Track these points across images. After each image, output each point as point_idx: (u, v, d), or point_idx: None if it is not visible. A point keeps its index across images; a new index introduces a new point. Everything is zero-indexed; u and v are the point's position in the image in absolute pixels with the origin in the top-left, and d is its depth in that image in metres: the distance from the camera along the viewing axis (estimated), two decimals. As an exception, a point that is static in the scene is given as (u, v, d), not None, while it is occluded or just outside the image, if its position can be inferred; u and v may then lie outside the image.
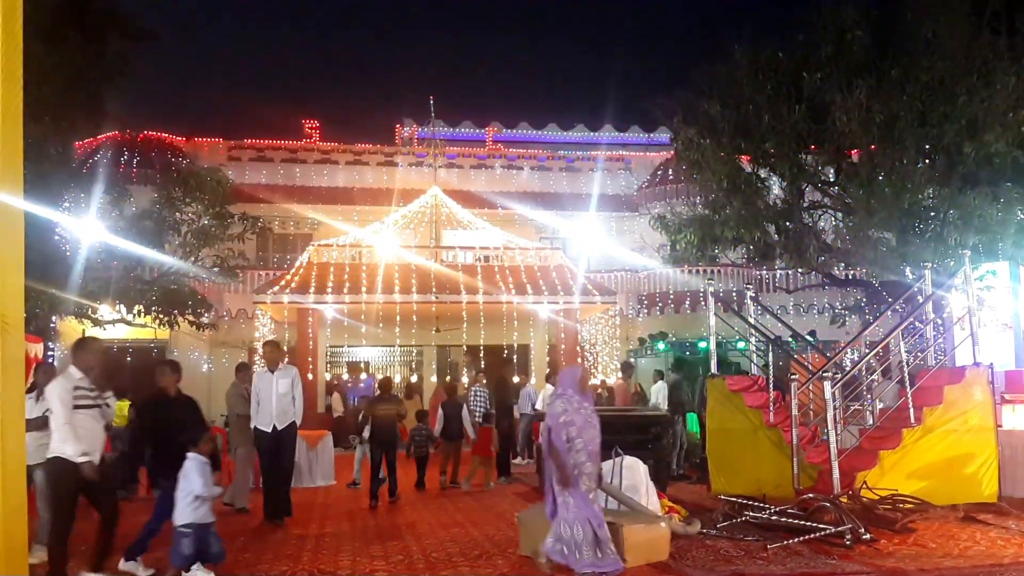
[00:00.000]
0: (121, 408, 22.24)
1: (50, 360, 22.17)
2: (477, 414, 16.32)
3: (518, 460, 16.73)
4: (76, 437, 6.26)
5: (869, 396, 10.61)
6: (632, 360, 18.88)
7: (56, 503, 6.47)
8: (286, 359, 12.83)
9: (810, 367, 11.24)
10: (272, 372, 9.83)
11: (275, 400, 9.68)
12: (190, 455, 6.45)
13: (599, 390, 21.44)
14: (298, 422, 9.91)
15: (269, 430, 9.73)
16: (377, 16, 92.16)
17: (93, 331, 21.81)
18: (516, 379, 19.03)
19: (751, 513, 8.51)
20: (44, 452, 7.80)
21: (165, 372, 7.83)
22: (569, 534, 6.23)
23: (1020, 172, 13.56)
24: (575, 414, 6.38)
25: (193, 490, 6.23)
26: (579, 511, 6.24)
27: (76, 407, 6.36)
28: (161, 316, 19.57)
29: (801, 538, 7.63)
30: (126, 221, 19.34)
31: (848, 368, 11.08)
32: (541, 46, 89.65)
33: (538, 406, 16.94)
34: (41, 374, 8.24)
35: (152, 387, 7.90)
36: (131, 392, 13.41)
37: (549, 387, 17.38)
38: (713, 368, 11.81)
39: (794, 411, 9.47)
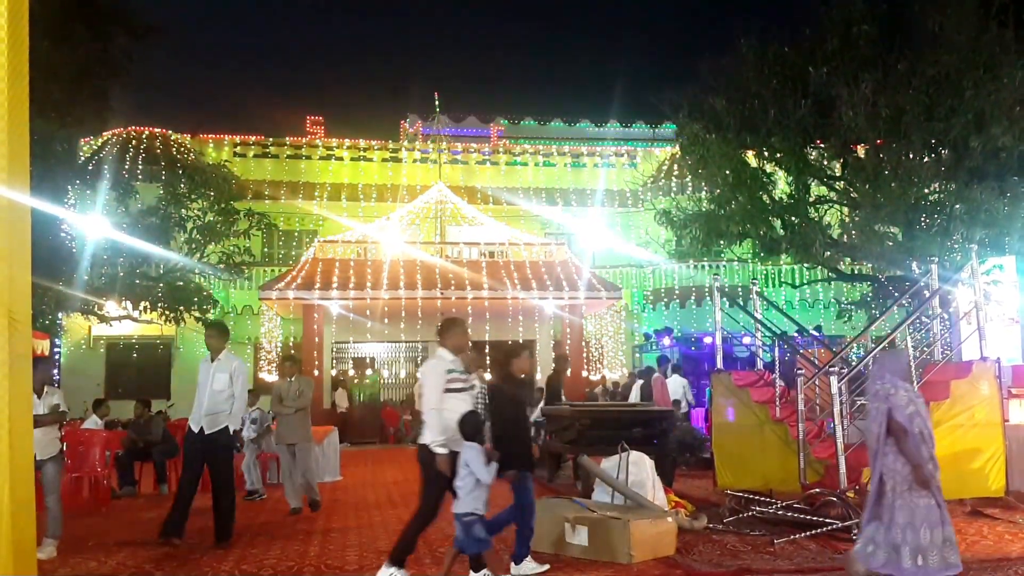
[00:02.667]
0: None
1: (56, 356, 22.27)
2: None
3: None
4: (442, 424, 6.14)
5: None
6: (668, 355, 18.87)
7: (433, 486, 6.26)
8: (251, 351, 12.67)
9: (816, 362, 11.23)
10: (212, 362, 8.23)
11: (207, 396, 8.02)
12: (469, 444, 6.18)
13: (602, 385, 21.49)
14: (234, 426, 8.22)
15: (196, 430, 7.99)
16: (382, 12, 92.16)
17: (99, 327, 21.92)
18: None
19: (757, 508, 8.51)
20: (51, 447, 7.84)
21: (523, 356, 7.26)
22: (902, 538, 5.49)
23: (1027, 166, 13.54)
24: (918, 403, 5.69)
25: (480, 478, 6.06)
26: (928, 513, 5.55)
27: (447, 391, 6.22)
28: (167, 312, 19.63)
29: (808, 533, 7.62)
30: (132, 217, 19.41)
31: (854, 363, 11.06)
32: (546, 41, 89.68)
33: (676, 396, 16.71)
34: (39, 371, 8.15)
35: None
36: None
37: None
38: (719, 363, 11.80)
39: (800, 406, 9.45)
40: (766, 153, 15.74)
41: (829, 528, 7.67)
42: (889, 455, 5.58)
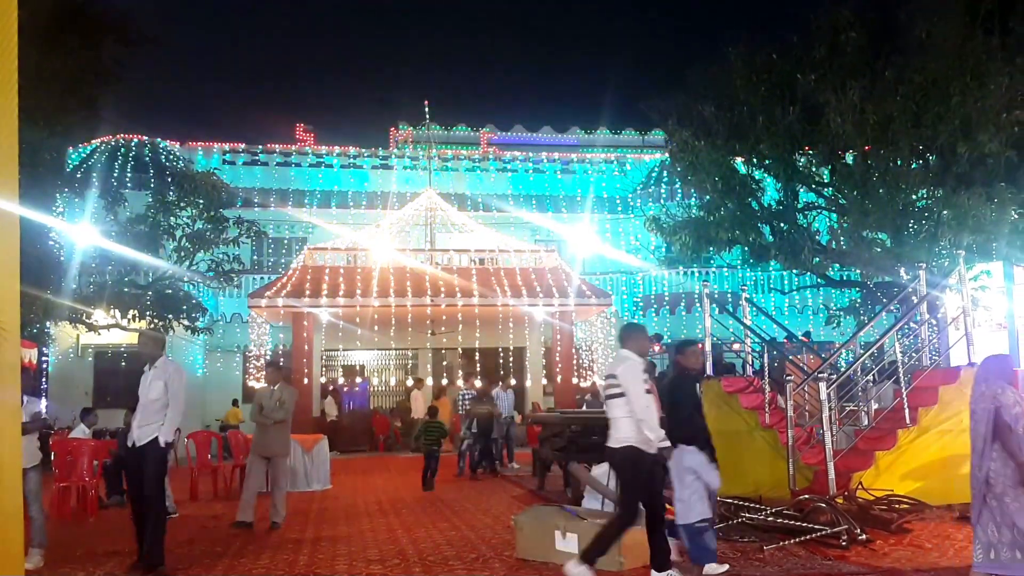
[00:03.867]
0: (236, 414, 22.11)
1: (44, 365, 22.15)
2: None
3: (496, 465, 16.63)
4: (654, 423, 6.12)
5: (864, 397, 10.63)
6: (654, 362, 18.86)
7: (632, 490, 6.22)
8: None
9: (805, 368, 11.26)
10: (149, 370, 7.51)
11: (141, 407, 7.37)
12: (691, 449, 6.18)
13: (591, 393, 21.48)
14: (166, 439, 7.29)
15: (130, 445, 7.41)
16: (371, 19, 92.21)
17: (87, 336, 21.82)
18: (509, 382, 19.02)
19: (747, 514, 8.51)
20: (32, 456, 7.70)
21: (693, 350, 7.40)
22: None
23: (1014, 172, 13.62)
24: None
25: (709, 483, 6.00)
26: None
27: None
28: (156, 321, 19.55)
29: (797, 539, 7.62)
30: (120, 226, 19.34)
31: (843, 369, 11.10)
32: (536, 48, 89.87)
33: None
34: (25, 379, 8.06)
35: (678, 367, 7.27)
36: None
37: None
38: (708, 370, 11.81)
39: (789, 412, 9.48)
40: (755, 160, 15.81)
41: (819, 534, 7.68)
42: (997, 460, 5.69)
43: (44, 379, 22.38)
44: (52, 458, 11.41)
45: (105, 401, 21.63)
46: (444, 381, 23.16)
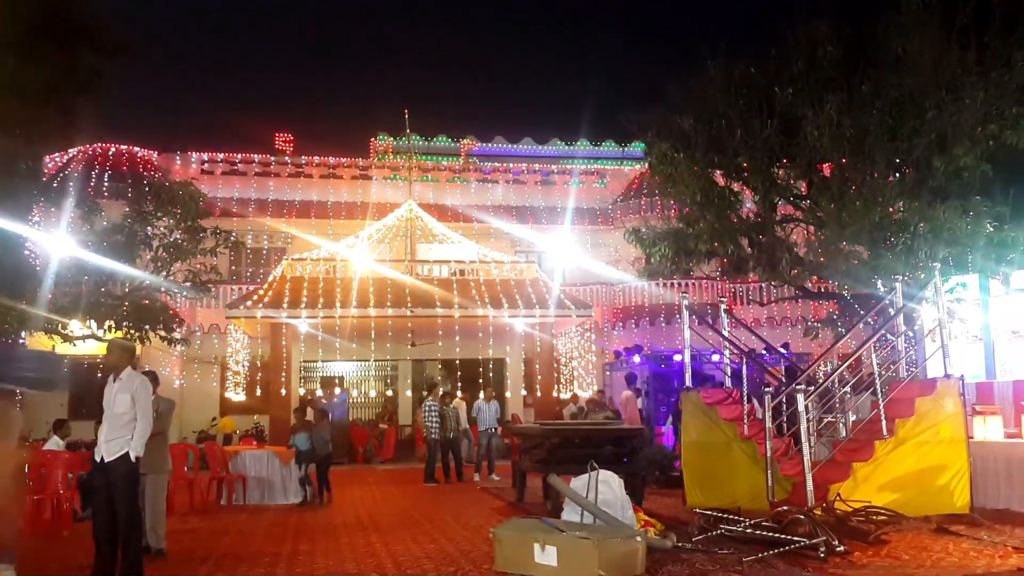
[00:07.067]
0: (226, 424, 21.73)
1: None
2: (434, 431, 16.53)
3: (476, 477, 16.66)
4: None
5: (842, 408, 10.69)
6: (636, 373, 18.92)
7: None
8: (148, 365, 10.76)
9: (783, 380, 11.31)
10: (114, 381, 7.30)
11: (107, 420, 7.21)
12: None
13: (573, 403, 21.49)
14: (136, 453, 7.14)
15: (98, 460, 7.21)
16: (352, 29, 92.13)
17: (63, 347, 21.58)
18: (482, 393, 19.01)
19: (726, 526, 8.52)
20: None
21: None
22: None
23: (988, 186, 13.74)
24: None
25: None
26: None
27: None
28: (132, 332, 19.36)
29: (776, 551, 7.64)
30: (97, 235, 19.16)
31: (821, 380, 11.16)
32: (516, 60, 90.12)
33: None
34: None
35: None
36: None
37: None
38: (688, 381, 11.84)
39: (767, 423, 9.51)
40: (733, 172, 15.90)
41: (797, 546, 7.69)
42: None
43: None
44: (26, 470, 11.26)
45: (80, 413, 21.39)
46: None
